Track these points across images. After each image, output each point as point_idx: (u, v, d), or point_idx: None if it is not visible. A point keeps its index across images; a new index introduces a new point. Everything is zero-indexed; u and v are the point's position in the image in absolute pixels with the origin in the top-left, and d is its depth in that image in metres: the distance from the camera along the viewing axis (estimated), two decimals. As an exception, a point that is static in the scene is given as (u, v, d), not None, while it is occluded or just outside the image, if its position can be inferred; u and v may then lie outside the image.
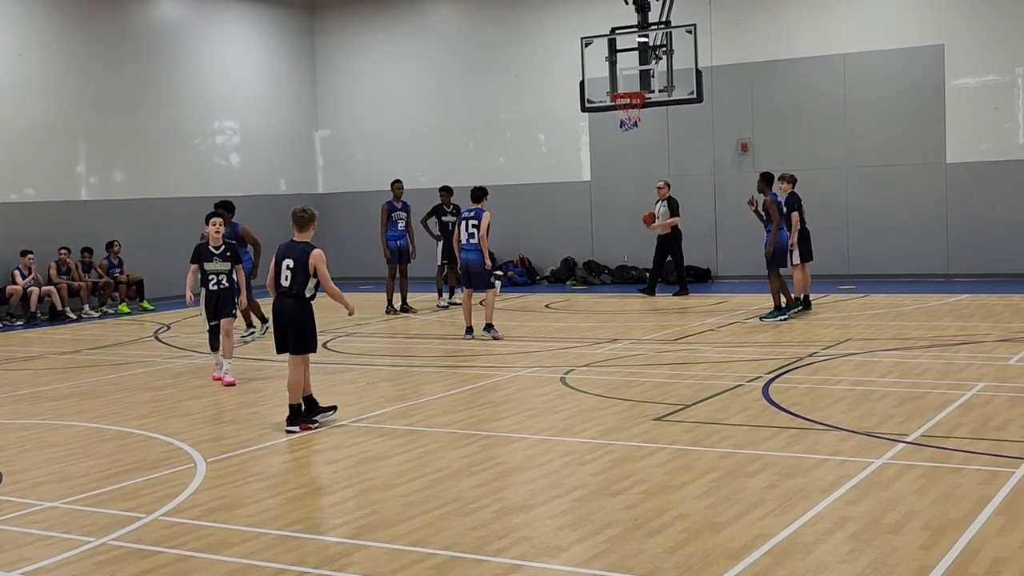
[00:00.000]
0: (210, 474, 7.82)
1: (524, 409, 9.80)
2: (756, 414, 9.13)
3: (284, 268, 9.14)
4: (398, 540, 6.13)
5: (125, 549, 6.16)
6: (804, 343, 13.06)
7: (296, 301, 9.13)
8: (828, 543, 5.79)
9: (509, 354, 13.19)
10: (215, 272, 11.76)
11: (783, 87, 21.28)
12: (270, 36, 25.09)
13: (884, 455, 7.55)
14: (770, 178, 15.50)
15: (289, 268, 9.10)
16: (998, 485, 6.70)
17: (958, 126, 19.96)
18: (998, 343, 12.47)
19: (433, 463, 7.88)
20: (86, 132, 21.13)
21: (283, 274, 9.14)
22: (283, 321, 9.18)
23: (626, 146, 22.00)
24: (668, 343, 13.60)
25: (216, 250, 11.82)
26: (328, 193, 25.76)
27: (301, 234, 9.25)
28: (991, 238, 19.83)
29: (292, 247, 9.23)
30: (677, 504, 6.60)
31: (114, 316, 19.76)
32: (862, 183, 20.81)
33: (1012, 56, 19.52)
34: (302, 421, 9.14)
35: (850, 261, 20.92)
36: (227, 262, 11.79)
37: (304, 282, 9.11)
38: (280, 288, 9.18)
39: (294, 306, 9.13)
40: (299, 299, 9.14)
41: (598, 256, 23.05)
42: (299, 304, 9.15)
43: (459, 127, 24.40)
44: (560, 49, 22.34)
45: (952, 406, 9.07)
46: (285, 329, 9.19)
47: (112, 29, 21.73)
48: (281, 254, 9.24)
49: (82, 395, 11.50)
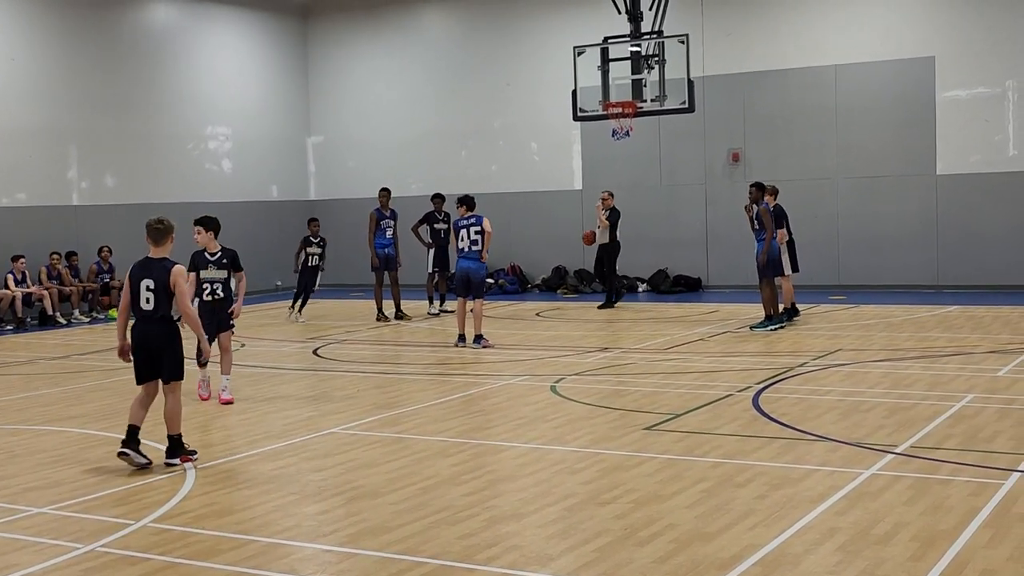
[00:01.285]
0: (199, 481, 7.80)
1: (514, 418, 9.81)
2: (746, 424, 9.15)
3: (144, 289, 8.18)
4: (387, 548, 6.12)
5: (114, 556, 6.15)
6: (794, 353, 13.08)
7: (163, 325, 8.22)
8: (817, 553, 5.81)
9: (500, 362, 13.19)
10: (211, 280, 10.90)
11: (774, 97, 21.35)
12: (263, 42, 25.09)
13: (873, 466, 7.57)
14: (763, 188, 15.56)
15: (150, 289, 8.17)
16: (987, 496, 6.72)
17: (948, 138, 20.04)
18: (987, 355, 12.51)
19: (423, 471, 7.88)
20: (78, 137, 21.10)
21: (143, 296, 8.17)
22: (152, 348, 8.22)
23: (618, 155, 22.04)
24: (659, 352, 13.61)
25: (212, 256, 10.96)
26: (320, 200, 25.75)
27: (158, 249, 8.31)
28: (981, 250, 19.90)
29: (150, 265, 8.25)
30: (667, 514, 6.61)
31: (104, 321, 19.71)
32: (853, 194, 20.87)
33: (1002, 69, 19.61)
34: (183, 453, 8.30)
35: (840, 271, 20.98)
36: (223, 270, 10.97)
37: (169, 303, 8.22)
38: (142, 312, 8.20)
39: (162, 330, 8.21)
40: (166, 322, 8.24)
41: (589, 265, 23.01)
42: (167, 328, 8.25)
43: (451, 135, 24.41)
44: (552, 58, 22.37)
45: (941, 417, 9.10)
46: (156, 356, 8.22)
47: (105, 34, 21.71)
48: (137, 274, 8.24)
49: (71, 400, 11.47)
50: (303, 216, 25.31)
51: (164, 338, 8.24)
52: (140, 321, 8.26)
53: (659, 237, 22.41)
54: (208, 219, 11.07)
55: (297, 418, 10.11)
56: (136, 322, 8.27)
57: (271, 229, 24.64)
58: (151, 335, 8.22)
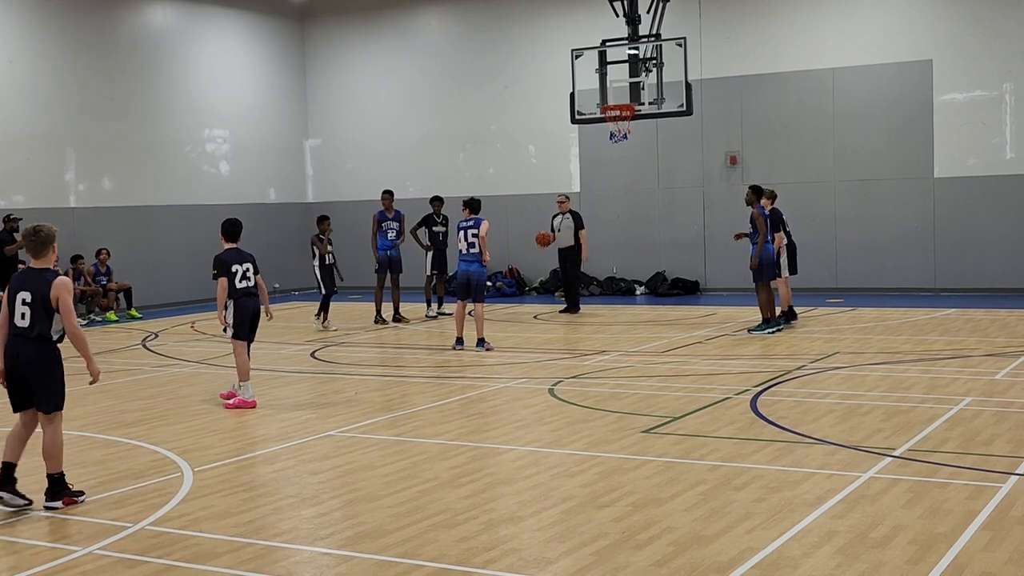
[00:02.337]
0: (197, 484, 7.79)
1: (513, 420, 9.80)
2: (744, 427, 9.15)
3: (20, 303, 7.20)
4: (386, 551, 6.12)
5: (111, 558, 6.14)
6: (792, 356, 13.09)
7: (39, 345, 7.21)
8: (815, 557, 5.81)
9: (498, 365, 13.19)
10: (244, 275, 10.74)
11: (772, 100, 21.36)
12: (261, 45, 25.09)
13: (871, 469, 7.57)
14: (760, 191, 15.57)
15: (27, 303, 7.18)
16: (984, 500, 6.72)
17: (946, 141, 20.06)
18: (985, 358, 12.52)
19: (421, 474, 7.88)
20: (75, 139, 21.09)
21: (18, 311, 7.19)
22: (23, 372, 7.19)
23: (616, 158, 22.06)
24: (656, 355, 13.61)
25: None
26: (318, 202, 25.73)
27: (38, 260, 7.37)
28: (978, 253, 19.92)
29: (29, 276, 7.32)
30: (665, 517, 6.60)
31: (102, 324, 19.70)
32: (850, 197, 20.89)
33: (999, 72, 19.63)
34: (66, 495, 7.26)
35: (838, 274, 20.99)
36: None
37: (48, 320, 7.20)
38: (16, 329, 7.21)
39: (36, 351, 7.20)
40: (43, 342, 7.23)
41: (587, 267, 23.01)
42: (42, 348, 7.23)
43: (449, 138, 24.42)
44: (550, 61, 22.39)
45: (939, 421, 9.10)
46: (27, 381, 7.21)
47: (103, 37, 21.70)
48: (15, 285, 7.28)
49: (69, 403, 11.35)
50: (301, 219, 25.44)
51: (37, 361, 7.20)
52: (12, 340, 7.23)
53: (657, 240, 22.43)
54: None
55: (295, 421, 10.10)
56: (8, 341, 7.25)
57: (269, 232, 24.62)
58: (22, 356, 7.18)
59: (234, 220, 11.28)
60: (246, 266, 10.83)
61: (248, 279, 10.79)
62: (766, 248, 15.35)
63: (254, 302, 10.87)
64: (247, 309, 10.80)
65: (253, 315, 10.88)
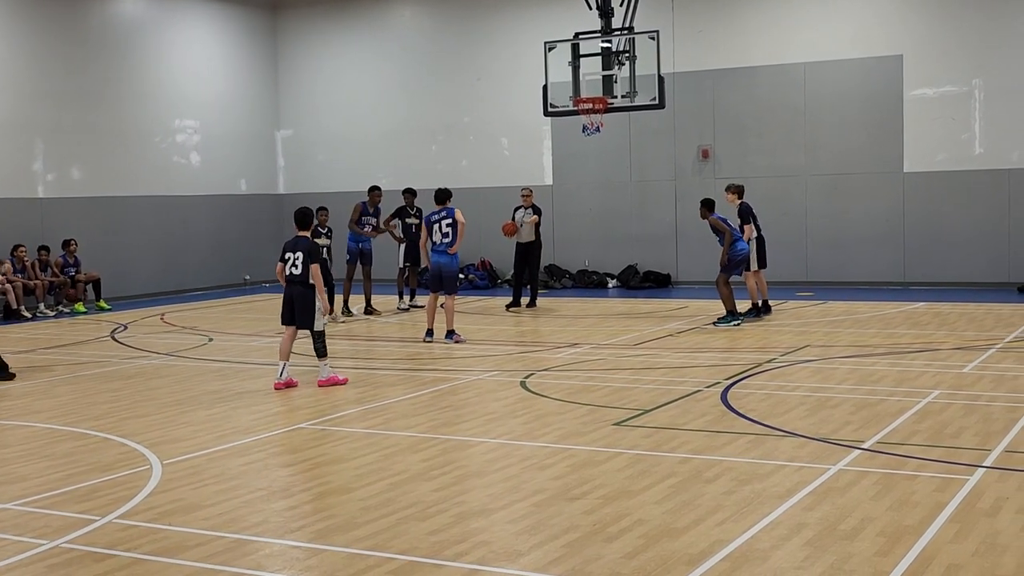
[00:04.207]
0: (166, 476, 7.74)
1: (484, 413, 9.80)
2: (715, 420, 9.18)
3: None
4: (356, 544, 6.10)
5: (79, 552, 6.09)
6: (762, 349, 13.15)
7: None
8: (785, 549, 5.83)
9: (470, 358, 13.18)
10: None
11: (744, 94, 21.44)
12: (232, 35, 24.92)
13: (840, 461, 7.62)
14: (711, 204, 15.82)
15: None
16: (952, 492, 6.78)
17: (916, 136, 20.20)
18: (953, 351, 12.63)
19: (392, 467, 7.86)
20: (43, 129, 20.87)
21: None
22: None
23: (588, 151, 22.08)
24: (628, 348, 13.64)
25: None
26: (289, 194, 25.61)
27: None
28: (947, 247, 20.08)
29: None
30: (636, 509, 6.62)
31: (70, 315, 19.54)
32: (820, 191, 21.00)
33: (969, 67, 19.78)
34: None
35: (808, 268, 21.10)
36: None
37: None
38: None
39: None
40: None
41: (559, 260, 23.09)
42: None
43: (421, 129, 24.36)
44: (523, 53, 22.37)
45: (908, 413, 9.17)
46: None
47: (72, 25, 21.48)
48: None
49: (37, 395, 11.36)
50: (272, 210, 25.32)
51: None
52: None
53: (629, 233, 22.47)
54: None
55: (265, 413, 10.05)
56: None
57: (239, 223, 24.51)
58: None
59: (302, 209, 11.80)
60: (298, 254, 11.27)
61: (296, 267, 11.26)
62: (734, 248, 15.46)
63: (292, 289, 11.33)
64: (286, 295, 11.41)
65: (290, 300, 11.36)
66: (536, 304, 18.66)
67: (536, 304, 18.66)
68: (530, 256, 18.52)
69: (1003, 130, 19.63)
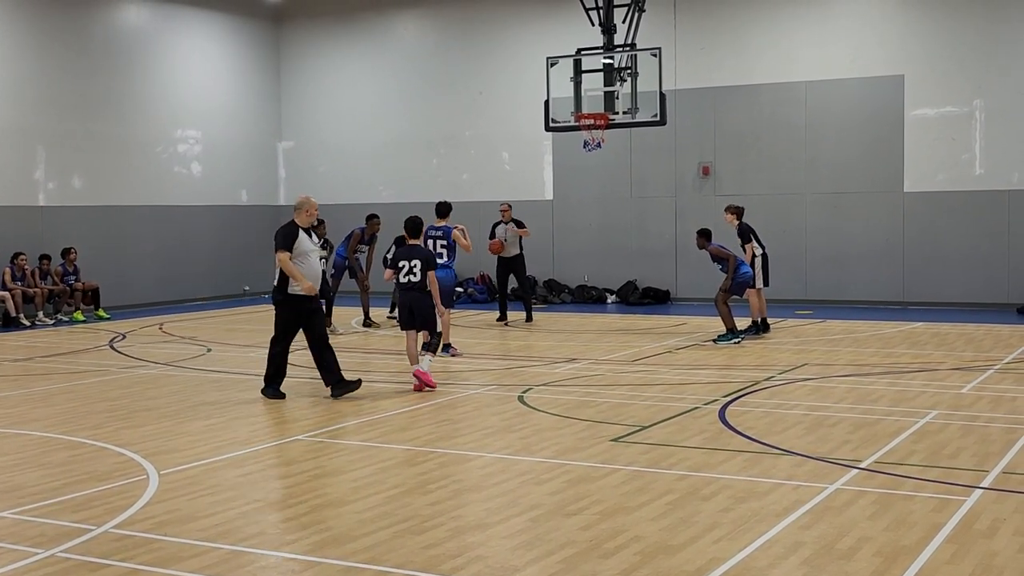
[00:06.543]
0: (163, 486, 7.73)
1: (481, 427, 9.79)
2: (712, 437, 9.17)
3: None
4: (351, 557, 6.09)
5: (74, 561, 6.07)
6: (761, 367, 13.14)
7: None
8: (781, 568, 5.82)
9: (467, 372, 13.17)
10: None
11: (745, 112, 21.48)
12: (235, 46, 24.98)
13: (838, 480, 7.61)
14: (708, 232, 15.83)
15: None
16: (949, 512, 6.77)
17: (916, 156, 20.23)
18: (952, 371, 12.62)
19: (389, 480, 7.85)
20: (46, 137, 20.91)
21: None
22: None
23: (589, 166, 22.11)
24: (626, 364, 13.63)
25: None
26: (289, 205, 25.59)
27: None
28: (946, 267, 20.10)
29: None
30: (632, 526, 6.61)
31: (69, 324, 19.53)
32: (821, 209, 21.03)
33: (970, 88, 19.82)
34: None
35: (807, 286, 21.11)
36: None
37: None
38: None
39: None
40: None
41: (559, 275, 23.11)
42: None
43: (423, 143, 24.40)
44: (525, 68, 22.42)
45: (905, 433, 9.16)
46: None
47: (76, 35, 21.54)
48: None
49: (34, 403, 11.35)
50: (272, 222, 25.23)
51: None
52: None
53: (628, 249, 22.49)
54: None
55: (262, 424, 10.04)
56: None
57: (240, 234, 24.51)
58: None
59: (413, 218, 12.37)
60: (415, 262, 11.85)
61: (415, 274, 11.84)
62: (741, 270, 15.52)
63: (407, 296, 11.96)
64: (403, 301, 12.06)
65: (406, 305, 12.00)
66: (532, 319, 18.64)
67: (532, 319, 18.64)
68: (516, 270, 18.52)
69: (1003, 151, 19.67)
